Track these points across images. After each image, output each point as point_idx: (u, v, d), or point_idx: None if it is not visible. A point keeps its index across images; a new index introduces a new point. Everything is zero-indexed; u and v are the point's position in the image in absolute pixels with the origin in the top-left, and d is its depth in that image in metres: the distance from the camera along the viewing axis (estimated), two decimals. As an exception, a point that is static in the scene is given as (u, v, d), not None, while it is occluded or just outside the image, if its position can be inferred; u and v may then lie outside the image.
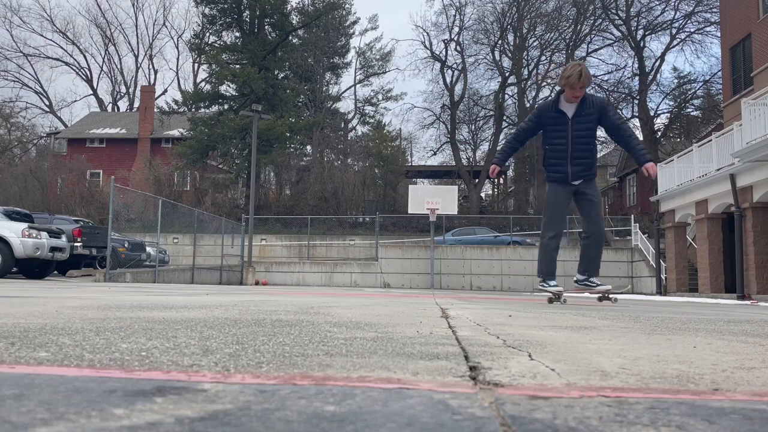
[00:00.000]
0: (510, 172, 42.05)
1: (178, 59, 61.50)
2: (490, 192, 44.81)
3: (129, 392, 0.96)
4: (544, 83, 40.31)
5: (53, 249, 13.64)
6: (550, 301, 6.05)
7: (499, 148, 6.71)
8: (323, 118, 39.03)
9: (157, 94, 48.31)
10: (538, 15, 39.33)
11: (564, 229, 6.10)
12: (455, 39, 41.13)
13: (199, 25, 38.00)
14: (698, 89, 38.35)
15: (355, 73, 46.60)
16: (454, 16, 40.82)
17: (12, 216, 14.17)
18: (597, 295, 6.68)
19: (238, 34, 37.13)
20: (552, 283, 6.00)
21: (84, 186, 36.69)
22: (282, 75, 38.16)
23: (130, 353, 1.41)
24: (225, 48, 35.99)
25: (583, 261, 6.21)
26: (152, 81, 54.35)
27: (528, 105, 40.04)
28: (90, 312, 2.81)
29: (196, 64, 50.51)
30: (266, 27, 36.68)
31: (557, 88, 5.81)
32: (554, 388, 1.09)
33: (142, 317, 2.56)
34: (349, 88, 47.85)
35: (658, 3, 36.48)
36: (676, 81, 39.69)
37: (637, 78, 37.84)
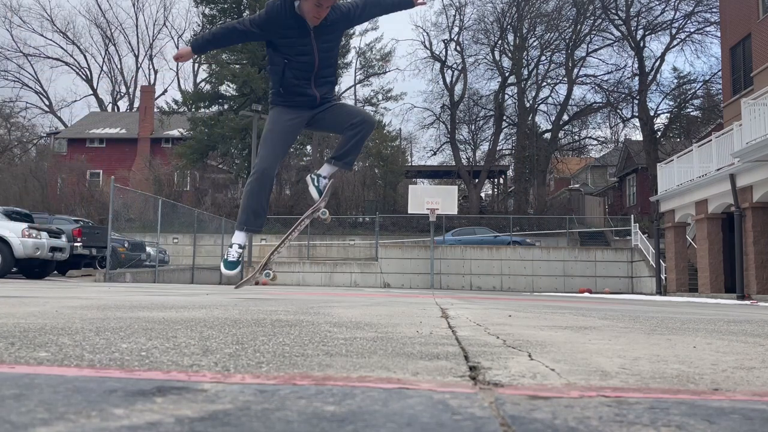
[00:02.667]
0: (510, 172, 42.07)
1: (178, 59, 61.42)
2: (490, 192, 44.82)
3: (129, 392, 0.96)
4: (544, 83, 40.34)
5: (53, 249, 13.64)
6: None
7: (207, 33, 4.87)
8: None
9: (157, 94, 48.33)
10: (538, 15, 39.33)
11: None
12: (455, 39, 41.14)
13: (199, 25, 38.03)
14: (698, 89, 38.36)
15: (355, 73, 46.60)
16: (454, 16, 40.84)
17: (12, 216, 14.17)
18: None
19: (238, 34, 37.11)
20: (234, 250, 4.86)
21: (84, 186, 36.69)
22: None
23: (130, 353, 1.41)
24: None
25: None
26: (152, 81, 54.37)
27: (528, 105, 40.06)
28: (90, 312, 2.81)
29: (196, 64, 50.46)
30: (266, 27, 36.66)
31: None
32: (554, 388, 1.09)
33: (142, 317, 2.56)
34: (349, 88, 47.76)
35: (658, 3, 36.50)
36: (676, 81, 39.70)
37: (637, 78, 37.84)
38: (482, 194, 41.77)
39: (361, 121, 4.66)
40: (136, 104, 50.31)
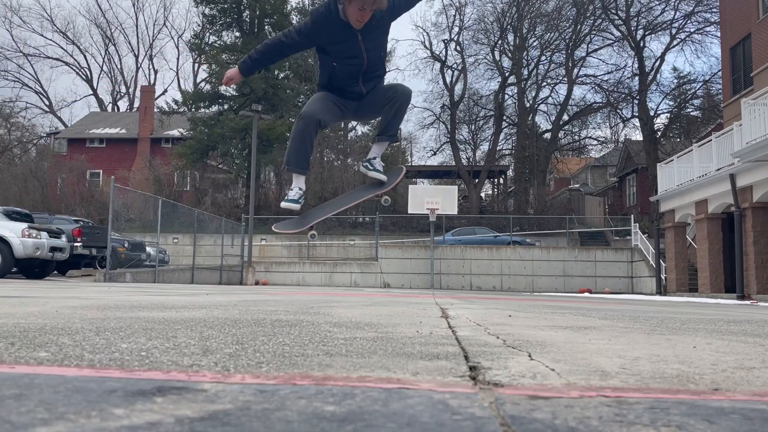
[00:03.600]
0: (510, 172, 42.06)
1: (178, 59, 61.55)
2: (490, 192, 44.82)
3: (129, 392, 0.96)
4: (544, 83, 40.34)
5: (53, 249, 13.64)
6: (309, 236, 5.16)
7: (253, 52, 4.61)
8: (323, 118, 39.00)
9: (157, 94, 48.33)
10: (538, 15, 39.33)
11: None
12: (455, 39, 41.15)
13: (199, 25, 38.04)
14: (698, 89, 38.37)
15: (355, 73, 46.55)
16: (454, 16, 40.84)
17: (12, 216, 14.17)
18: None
19: (238, 34, 37.13)
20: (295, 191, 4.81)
21: (84, 186, 36.69)
22: (282, 75, 38.16)
23: (130, 353, 1.41)
24: (225, 48, 35.99)
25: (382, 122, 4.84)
26: (152, 81, 54.37)
27: (528, 105, 40.06)
28: (90, 312, 2.81)
29: (196, 64, 50.52)
30: (266, 27, 36.68)
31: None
32: (554, 388, 1.09)
33: (142, 317, 2.56)
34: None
35: (658, 3, 36.50)
36: (676, 81, 39.71)
37: (637, 78, 37.85)
38: (482, 194, 41.78)
39: (395, 93, 4.66)
40: (136, 104, 50.31)
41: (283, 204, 4.81)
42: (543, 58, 39.95)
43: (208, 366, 1.26)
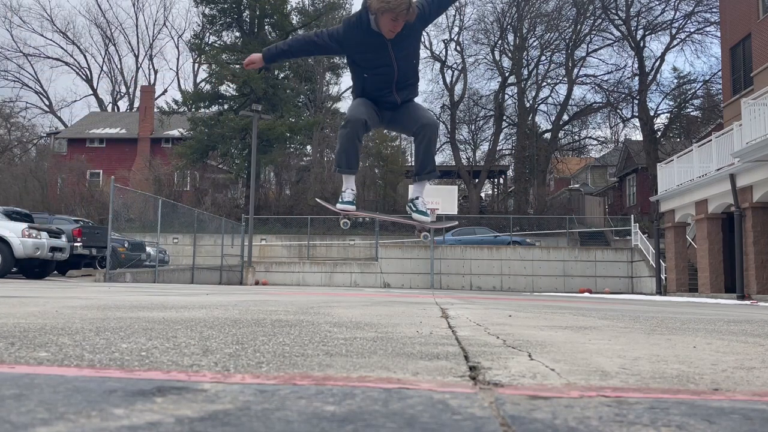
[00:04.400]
0: (510, 172, 42.07)
1: (178, 59, 61.54)
2: (490, 192, 44.83)
3: (129, 392, 0.96)
4: (544, 83, 40.34)
5: (53, 249, 13.64)
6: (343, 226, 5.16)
7: (282, 44, 4.70)
8: (323, 118, 39.03)
9: (157, 94, 48.33)
10: (538, 15, 39.33)
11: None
12: (455, 39, 41.16)
13: (199, 25, 38.04)
14: (698, 89, 38.37)
15: (355, 73, 46.57)
16: (454, 16, 40.85)
17: (12, 216, 14.17)
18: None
19: (238, 34, 37.14)
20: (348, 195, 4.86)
21: (84, 186, 36.69)
22: (282, 75, 38.16)
23: (130, 353, 1.41)
24: (225, 48, 36.00)
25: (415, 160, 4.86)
26: (152, 81, 54.37)
27: (528, 105, 40.06)
28: (90, 312, 2.81)
29: (196, 64, 50.51)
30: (266, 27, 36.69)
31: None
32: (554, 388, 1.09)
33: (142, 317, 2.56)
34: (349, 88, 47.78)
35: (658, 3, 36.50)
36: (676, 81, 39.72)
37: (637, 78, 37.85)
38: (482, 194, 41.78)
39: (421, 127, 4.66)
40: (136, 104, 50.32)
41: (339, 206, 4.87)
42: (543, 58, 39.97)
43: (208, 366, 1.26)
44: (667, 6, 36.29)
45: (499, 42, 40.21)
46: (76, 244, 15.56)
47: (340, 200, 4.89)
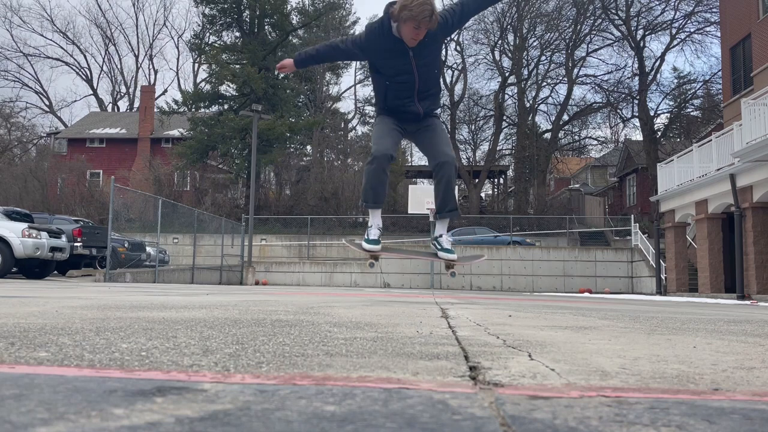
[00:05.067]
0: (510, 172, 42.06)
1: (178, 59, 61.53)
2: (490, 192, 44.83)
3: (129, 392, 0.96)
4: (544, 83, 40.34)
5: (53, 249, 13.64)
6: (370, 265, 5.17)
7: (310, 49, 4.87)
8: (323, 118, 39.03)
9: (157, 94, 48.29)
10: (538, 15, 39.33)
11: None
12: (455, 39, 41.14)
13: (199, 25, 38.03)
14: (698, 89, 38.37)
15: (356, 73, 46.64)
16: (454, 16, 40.81)
17: (12, 216, 14.17)
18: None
19: (238, 34, 37.14)
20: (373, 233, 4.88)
21: (84, 186, 36.69)
22: (282, 75, 38.16)
23: (130, 353, 1.41)
24: (225, 48, 35.99)
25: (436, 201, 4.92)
26: (152, 81, 54.37)
27: (528, 105, 40.05)
28: (90, 312, 2.81)
29: (196, 64, 50.52)
30: (266, 27, 36.69)
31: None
32: (554, 388, 1.09)
33: (142, 317, 2.56)
34: (349, 88, 47.93)
35: (658, 3, 36.50)
36: (676, 81, 39.72)
37: (637, 78, 37.85)
38: (482, 194, 41.78)
39: (439, 165, 4.69)
40: (136, 104, 50.32)
41: (366, 246, 4.90)
42: (543, 58, 39.97)
43: (208, 366, 1.26)
44: (667, 6, 36.30)
45: (499, 42, 40.23)
46: (76, 244, 15.56)
47: (366, 238, 4.94)
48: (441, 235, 5.05)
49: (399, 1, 4.14)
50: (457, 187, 26.70)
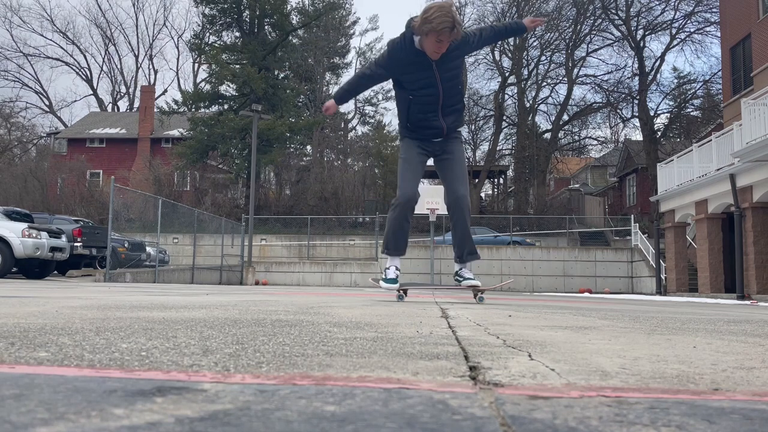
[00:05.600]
0: (510, 172, 42.06)
1: (178, 59, 61.57)
2: (490, 192, 44.84)
3: (129, 392, 0.96)
4: (544, 83, 40.33)
5: (53, 249, 13.64)
6: (399, 298, 5.23)
7: (344, 84, 5.08)
8: (323, 118, 39.04)
9: (157, 94, 48.33)
10: (538, 15, 39.32)
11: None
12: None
13: (199, 25, 38.03)
14: (698, 89, 38.39)
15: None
16: (454, 16, 40.83)
17: (12, 216, 14.17)
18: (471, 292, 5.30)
19: (238, 34, 37.15)
20: (392, 272, 4.93)
21: (84, 186, 36.69)
22: (282, 75, 38.17)
23: (130, 353, 1.41)
24: (225, 48, 36.00)
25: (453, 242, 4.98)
26: (152, 81, 54.38)
27: (528, 105, 40.05)
28: (90, 312, 2.81)
29: (196, 64, 50.55)
30: (266, 27, 36.69)
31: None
32: (554, 388, 1.09)
33: (142, 317, 2.56)
34: (349, 88, 47.84)
35: (658, 3, 36.51)
36: (676, 81, 39.74)
37: (637, 78, 37.86)
38: (482, 194, 41.78)
39: (455, 201, 4.76)
40: (136, 104, 50.33)
41: (383, 285, 4.96)
42: (543, 58, 39.99)
43: (208, 366, 1.26)
44: (667, 6, 36.32)
45: (499, 42, 40.21)
46: (76, 244, 15.56)
47: (383, 277, 5.01)
48: (461, 269, 5.10)
49: (420, 15, 4.21)
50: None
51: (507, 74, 40.00)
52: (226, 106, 35.38)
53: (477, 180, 39.21)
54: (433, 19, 4.05)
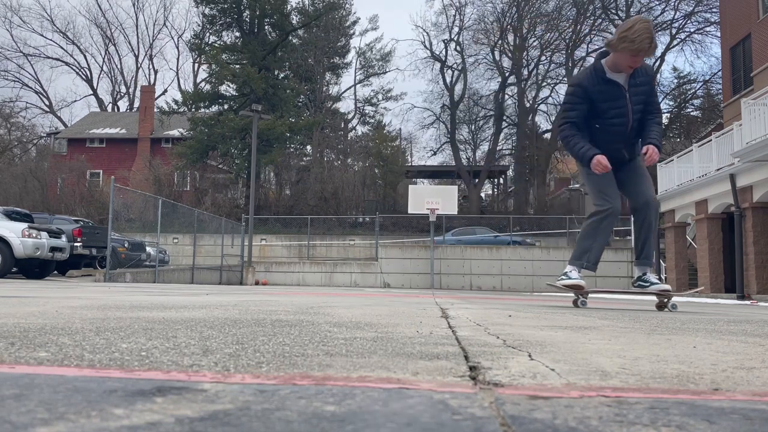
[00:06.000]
0: (510, 172, 42.06)
1: (178, 59, 61.52)
2: (490, 192, 44.86)
3: (129, 392, 0.96)
4: (544, 83, 40.33)
5: (53, 249, 13.64)
6: (575, 303, 5.03)
7: (572, 145, 4.60)
8: (323, 118, 39.03)
9: (157, 94, 48.31)
10: (538, 15, 39.35)
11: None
12: (455, 39, 41.18)
13: (199, 25, 38.04)
14: (698, 89, 38.39)
15: (355, 73, 46.65)
16: (454, 16, 40.88)
17: (12, 216, 14.17)
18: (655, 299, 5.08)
19: (238, 34, 37.15)
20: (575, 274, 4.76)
21: (84, 186, 36.69)
22: (282, 75, 38.17)
23: (130, 353, 1.41)
24: (225, 48, 36.00)
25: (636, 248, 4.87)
26: (152, 81, 54.36)
27: (528, 105, 40.05)
28: (90, 312, 2.81)
29: (196, 64, 50.53)
30: (266, 27, 36.69)
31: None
32: (554, 388, 1.09)
33: (142, 317, 2.56)
34: (349, 88, 47.83)
35: (658, 3, 36.52)
36: (676, 81, 39.74)
37: (637, 78, 37.81)
38: (482, 194, 41.80)
39: (645, 205, 4.66)
40: (136, 104, 50.32)
41: (568, 282, 4.75)
42: (543, 58, 40.00)
43: (208, 366, 1.26)
44: (667, 6, 36.34)
45: (499, 42, 40.24)
46: (76, 244, 15.56)
47: (565, 276, 4.78)
48: (645, 273, 4.84)
49: (620, 30, 4.23)
50: (457, 187, 26.40)
51: (507, 74, 40.01)
52: (226, 106, 35.38)
53: (477, 180, 39.21)
54: (635, 38, 4.05)
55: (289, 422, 0.79)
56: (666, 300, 4.92)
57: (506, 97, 40.76)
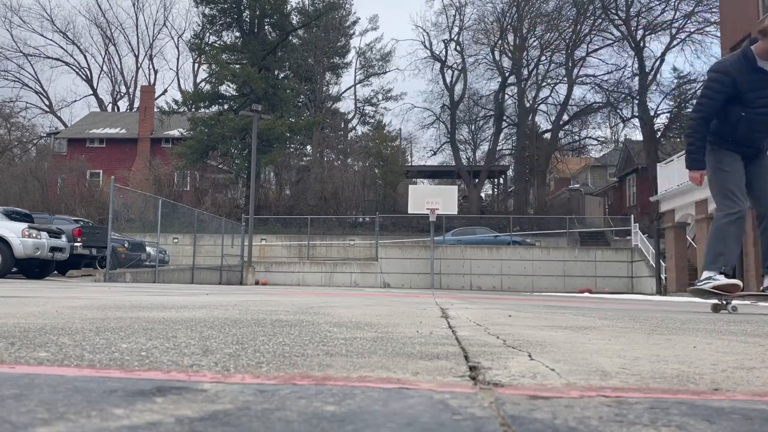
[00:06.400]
0: (510, 172, 42.06)
1: (178, 59, 61.50)
2: (490, 192, 44.86)
3: (129, 392, 0.96)
4: (544, 83, 40.33)
5: (53, 249, 13.64)
6: (716, 308, 4.68)
7: (690, 143, 4.51)
8: (323, 118, 39.03)
9: (157, 94, 48.29)
10: (538, 15, 39.35)
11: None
12: (455, 39, 41.18)
13: (199, 25, 38.02)
14: (698, 89, 38.31)
15: (355, 73, 46.65)
16: (454, 16, 40.88)
17: (12, 216, 14.16)
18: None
19: (238, 34, 37.14)
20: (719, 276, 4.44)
21: (84, 186, 36.68)
22: (282, 75, 38.16)
23: (130, 353, 1.41)
24: (225, 48, 35.99)
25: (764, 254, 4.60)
26: (152, 81, 54.35)
27: (528, 105, 40.04)
28: (90, 312, 2.81)
29: (196, 64, 50.52)
30: (266, 27, 36.68)
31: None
32: (554, 388, 1.09)
33: (142, 317, 2.56)
34: (349, 88, 47.82)
35: (658, 3, 36.52)
36: (676, 81, 39.73)
37: (637, 78, 37.85)
38: (482, 194, 41.79)
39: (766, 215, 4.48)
40: (136, 104, 50.30)
41: (717, 283, 4.50)
42: (543, 58, 40.00)
43: (208, 366, 1.26)
44: (667, 6, 36.34)
45: (499, 42, 40.24)
46: (76, 244, 15.56)
47: (710, 279, 4.55)
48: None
49: None
50: (457, 187, 26.34)
51: (507, 74, 40.01)
52: (226, 106, 35.37)
53: (477, 180, 39.21)
54: None
55: (289, 422, 0.79)
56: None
57: (506, 97, 40.79)
